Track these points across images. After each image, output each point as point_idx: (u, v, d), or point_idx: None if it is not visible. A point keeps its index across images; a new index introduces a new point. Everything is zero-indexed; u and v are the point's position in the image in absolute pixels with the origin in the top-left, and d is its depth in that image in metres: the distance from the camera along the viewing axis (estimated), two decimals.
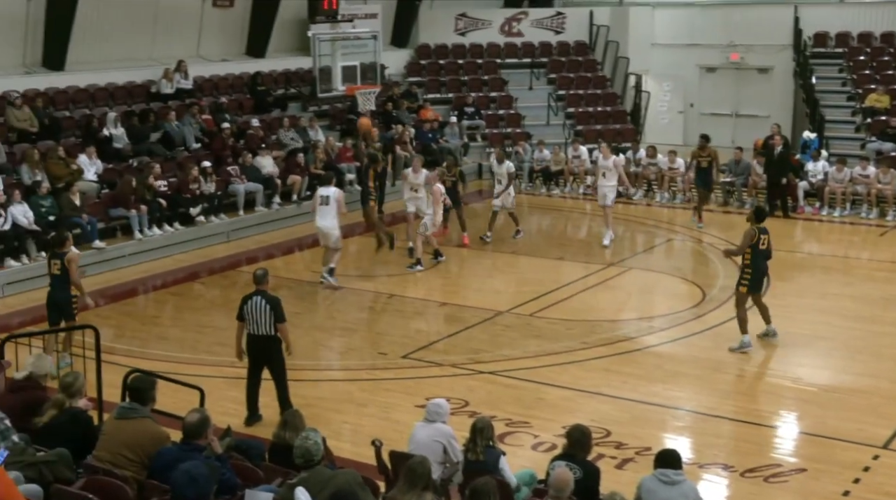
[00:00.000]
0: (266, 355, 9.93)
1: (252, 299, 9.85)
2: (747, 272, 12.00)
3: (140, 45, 20.41)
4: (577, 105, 25.31)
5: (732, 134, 26.48)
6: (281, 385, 9.95)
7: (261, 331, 9.81)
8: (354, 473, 6.41)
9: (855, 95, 23.55)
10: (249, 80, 21.96)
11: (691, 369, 11.71)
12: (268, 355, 9.92)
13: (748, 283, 12.01)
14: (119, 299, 14.68)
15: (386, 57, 23.13)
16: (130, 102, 19.57)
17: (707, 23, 27.10)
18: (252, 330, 9.86)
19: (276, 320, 9.77)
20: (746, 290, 12.05)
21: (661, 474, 6.61)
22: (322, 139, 21.01)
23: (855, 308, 13.93)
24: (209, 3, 21.55)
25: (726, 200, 20.69)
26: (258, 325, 9.80)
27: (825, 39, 25.12)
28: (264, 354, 9.93)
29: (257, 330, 9.83)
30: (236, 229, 18.08)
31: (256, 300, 9.82)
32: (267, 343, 9.86)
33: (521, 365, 11.67)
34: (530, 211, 21.17)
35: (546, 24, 27.22)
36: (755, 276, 11.99)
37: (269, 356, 9.92)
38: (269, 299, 9.84)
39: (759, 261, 11.98)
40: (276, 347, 9.91)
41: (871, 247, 17.98)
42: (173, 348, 12.36)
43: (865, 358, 12.00)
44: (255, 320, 9.80)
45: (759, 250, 11.92)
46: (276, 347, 9.91)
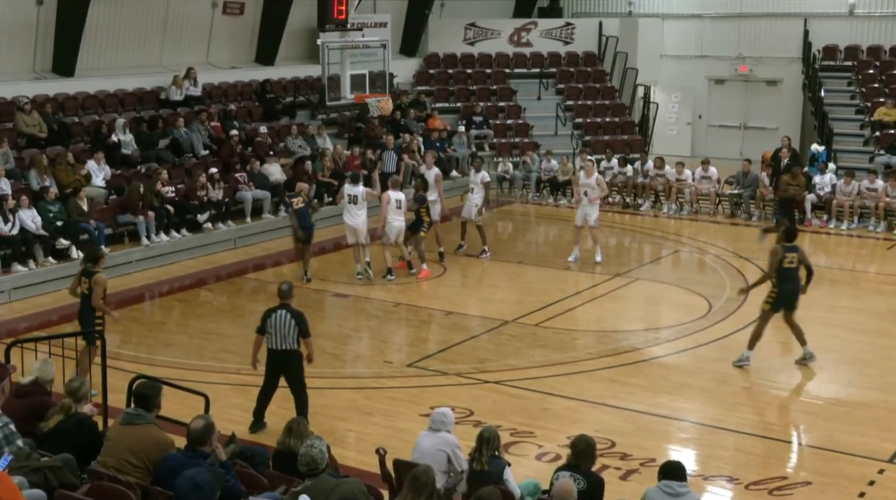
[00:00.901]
0: (285, 368, 9.78)
1: (276, 312, 9.66)
2: (773, 291, 11.81)
3: (150, 52, 20.51)
4: (585, 115, 25.33)
5: (741, 146, 26.51)
6: (301, 399, 9.80)
7: (283, 346, 9.65)
8: (358, 482, 6.41)
9: (864, 108, 23.53)
10: (258, 88, 22.03)
11: (697, 380, 11.68)
12: (287, 368, 9.77)
13: (773, 302, 11.82)
14: (125, 305, 14.68)
15: (395, 66, 23.16)
16: (140, 109, 19.64)
17: (716, 35, 27.15)
18: (274, 345, 9.70)
19: (301, 334, 9.62)
20: (770, 309, 11.86)
21: (665, 486, 6.59)
22: (330, 147, 21.05)
23: (862, 321, 13.89)
24: (219, 11, 21.65)
25: (734, 212, 20.67)
26: (282, 339, 9.64)
27: (834, 52, 25.12)
28: (284, 368, 9.78)
29: (280, 345, 9.66)
30: (243, 236, 18.10)
31: (281, 314, 9.63)
32: (288, 357, 9.72)
33: (527, 375, 11.65)
34: (538, 221, 21.17)
35: (555, 35, 27.26)
36: (780, 295, 11.75)
37: (287, 370, 9.77)
38: (293, 313, 9.69)
39: (783, 280, 11.74)
40: (297, 360, 9.77)
41: (879, 260, 17.95)
42: (179, 355, 12.37)
43: (872, 372, 11.96)
44: (279, 334, 9.63)
45: (784, 268, 11.71)
46: (297, 360, 9.77)
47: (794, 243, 11.85)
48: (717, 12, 27.12)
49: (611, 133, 24.90)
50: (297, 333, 9.64)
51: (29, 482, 6.20)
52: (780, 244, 11.80)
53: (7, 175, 15.81)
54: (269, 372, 9.88)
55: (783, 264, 11.70)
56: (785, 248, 11.75)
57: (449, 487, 7.31)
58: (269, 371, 9.87)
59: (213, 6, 21.49)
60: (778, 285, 11.75)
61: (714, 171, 21.05)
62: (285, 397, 10.80)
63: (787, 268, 11.71)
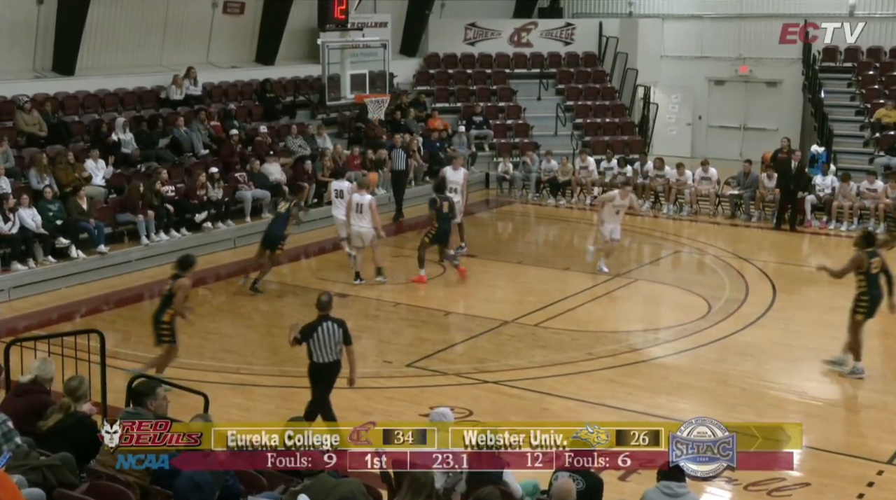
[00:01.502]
0: (329, 379, 9.48)
1: (322, 325, 9.34)
2: (864, 299, 11.63)
3: (150, 52, 20.51)
4: (585, 116, 25.33)
5: (740, 147, 26.50)
6: (319, 407, 9.50)
7: (329, 358, 9.36)
8: (358, 482, 6.41)
9: (864, 109, 23.53)
10: (258, 88, 22.03)
11: (696, 381, 11.69)
12: (329, 379, 9.48)
13: (865, 310, 11.67)
14: (125, 304, 14.70)
15: (395, 66, 23.15)
16: (140, 108, 19.63)
17: (716, 35, 27.15)
18: (319, 358, 9.36)
19: (345, 341, 9.41)
20: (863, 317, 11.70)
21: (664, 486, 6.59)
22: (330, 147, 21.05)
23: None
24: (219, 11, 21.64)
25: (734, 213, 20.67)
26: (329, 352, 9.33)
27: (834, 54, 25.12)
28: (329, 381, 9.48)
29: (326, 358, 9.35)
30: (243, 236, 18.08)
31: (327, 326, 9.33)
32: (332, 369, 9.44)
33: (527, 375, 11.65)
34: (537, 221, 21.17)
35: (555, 35, 27.25)
36: (871, 303, 11.65)
37: (329, 381, 9.48)
38: (338, 322, 9.43)
39: (873, 287, 11.65)
40: (338, 371, 9.51)
41: None
42: (179, 354, 12.34)
43: (871, 373, 11.94)
44: (325, 346, 9.32)
45: (871, 274, 11.60)
46: (338, 371, 9.51)
47: (874, 249, 11.78)
48: (717, 13, 27.12)
49: (611, 134, 24.90)
50: (343, 341, 9.39)
51: (28, 481, 6.20)
52: (864, 251, 11.67)
53: (7, 174, 15.82)
54: (317, 386, 9.47)
55: (870, 271, 11.57)
56: (869, 254, 11.65)
57: (448, 487, 7.30)
58: (317, 384, 9.47)
59: (213, 6, 21.49)
60: (868, 292, 11.62)
61: (714, 172, 21.06)
62: (285, 396, 10.82)
63: (874, 274, 11.61)
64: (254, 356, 12.40)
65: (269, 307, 14.91)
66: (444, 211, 15.38)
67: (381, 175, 21.10)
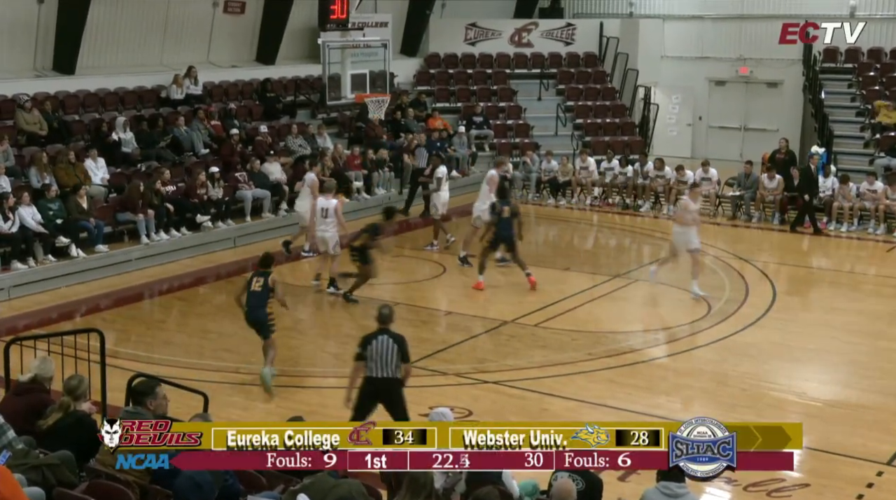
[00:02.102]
0: (386, 398, 9.11)
1: (377, 338, 9.05)
2: None
3: (150, 51, 20.52)
4: (585, 116, 25.33)
5: (741, 147, 26.50)
6: None
7: (384, 373, 9.03)
8: (357, 483, 6.41)
9: (864, 110, 23.53)
10: (259, 87, 22.03)
11: (696, 381, 11.69)
12: (388, 398, 9.10)
13: None
14: (125, 303, 14.71)
15: (395, 65, 23.17)
16: (140, 107, 19.64)
17: (717, 36, 27.15)
18: (374, 373, 9.05)
19: (402, 359, 9.08)
20: None
21: (664, 486, 6.59)
22: (330, 147, 21.04)
23: (862, 323, 13.88)
24: (220, 10, 21.65)
25: (734, 214, 20.67)
26: (383, 366, 9.02)
27: (835, 55, 25.12)
28: (383, 397, 9.12)
29: (380, 372, 9.03)
30: (243, 235, 18.09)
31: (382, 340, 9.03)
32: (388, 386, 9.08)
33: (526, 375, 11.65)
34: (538, 221, 21.16)
35: (556, 35, 27.26)
36: None
37: (390, 400, 9.10)
38: (395, 337, 9.11)
39: None
40: (398, 388, 9.16)
41: (879, 262, 17.94)
42: (178, 353, 12.37)
43: (871, 374, 11.96)
44: (381, 360, 9.01)
45: None
46: (398, 388, 9.16)
47: None
48: (717, 13, 27.12)
49: (611, 134, 24.91)
50: (399, 359, 9.08)
51: (27, 480, 6.20)
52: None
53: (7, 173, 15.83)
54: (363, 402, 9.12)
55: None
56: None
57: (448, 487, 7.30)
58: (365, 401, 9.12)
59: (213, 5, 21.49)
60: None
61: (714, 172, 21.05)
62: (284, 396, 10.83)
63: None
64: (253, 356, 12.35)
65: (269, 307, 14.87)
66: (504, 216, 14.95)
67: (380, 175, 21.11)
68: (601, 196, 21.86)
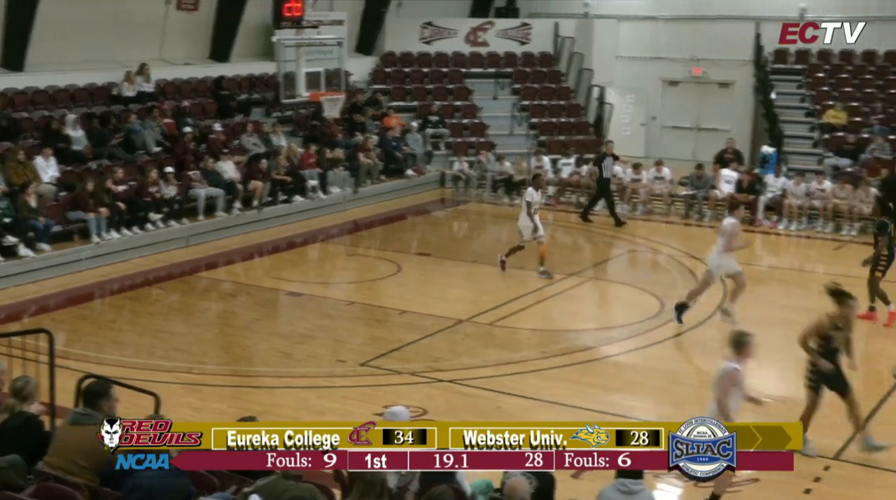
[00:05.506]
0: None
1: None
2: None
3: (102, 47, 20.21)
4: (540, 116, 25.45)
5: (693, 147, 26.76)
6: None
7: None
8: (312, 487, 6.38)
9: (813, 111, 23.89)
10: (213, 85, 21.84)
11: (649, 379, 11.80)
12: None
13: None
14: (75, 303, 14.51)
15: (351, 64, 23.10)
16: (91, 105, 19.38)
17: (670, 37, 27.38)
18: None
19: None
20: None
21: (620, 484, 6.63)
22: (285, 145, 20.94)
23: (810, 321, 14.06)
24: (173, 7, 21.42)
25: (687, 213, 20.90)
26: None
27: (785, 56, 25.48)
28: None
29: None
30: (196, 234, 17.93)
31: None
32: None
33: (481, 374, 11.67)
34: (493, 220, 21.23)
35: (511, 35, 27.34)
36: None
37: None
38: None
39: None
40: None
41: (827, 260, 18.22)
42: (129, 353, 12.23)
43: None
44: None
45: None
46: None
47: None
48: (671, 14, 27.38)
49: (566, 133, 25.04)
50: None
51: None
52: None
53: None
54: None
55: None
56: None
57: (401, 486, 7.29)
58: None
59: (166, 2, 21.26)
60: None
61: (668, 171, 21.27)
62: (235, 395, 10.76)
63: None
64: (205, 356, 12.30)
65: (221, 307, 14.80)
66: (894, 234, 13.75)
67: (335, 174, 21.01)
68: (556, 195, 21.99)
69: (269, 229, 18.75)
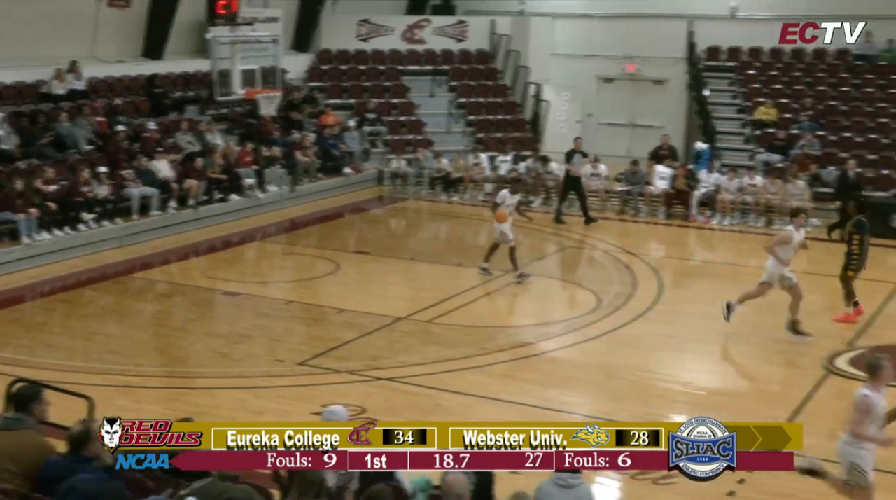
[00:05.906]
0: None
1: None
2: None
3: (31, 44, 19.74)
4: (477, 113, 25.53)
5: (628, 144, 27.07)
6: None
7: None
8: (249, 488, 6.34)
9: (745, 108, 24.34)
10: (146, 83, 21.51)
11: (585, 374, 11.92)
12: None
13: None
14: (5, 305, 14.18)
15: (287, 61, 22.94)
16: (20, 103, 18.96)
17: (605, 34, 27.64)
18: None
19: None
20: None
21: (558, 478, 6.69)
22: (221, 143, 20.71)
23: (742, 314, 14.29)
24: (104, 3, 21.02)
25: (623, 209, 21.15)
26: None
27: (717, 53, 25.90)
28: None
29: None
30: (130, 235, 17.64)
31: None
32: None
33: (420, 371, 11.68)
34: (431, 217, 21.26)
35: (448, 32, 27.38)
36: None
37: None
38: None
39: None
40: None
41: (759, 254, 18.48)
42: (61, 357, 12.00)
43: (755, 362, 12.38)
44: None
45: None
46: None
47: None
48: (605, 12, 27.64)
49: (503, 131, 25.14)
50: None
51: None
52: None
53: None
54: None
55: None
56: None
57: (340, 485, 7.27)
58: None
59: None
60: None
61: (603, 168, 21.49)
62: (172, 397, 10.64)
63: None
64: (141, 357, 12.13)
65: (157, 307, 14.61)
66: None
67: (272, 172, 20.85)
68: (494, 192, 22.07)
69: (205, 229, 18.55)
